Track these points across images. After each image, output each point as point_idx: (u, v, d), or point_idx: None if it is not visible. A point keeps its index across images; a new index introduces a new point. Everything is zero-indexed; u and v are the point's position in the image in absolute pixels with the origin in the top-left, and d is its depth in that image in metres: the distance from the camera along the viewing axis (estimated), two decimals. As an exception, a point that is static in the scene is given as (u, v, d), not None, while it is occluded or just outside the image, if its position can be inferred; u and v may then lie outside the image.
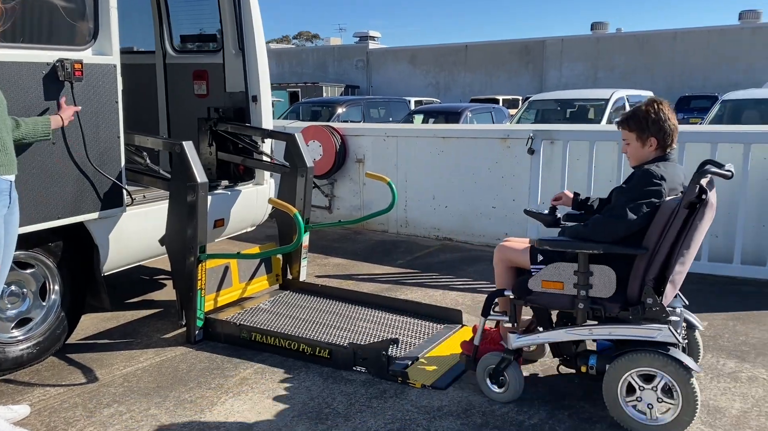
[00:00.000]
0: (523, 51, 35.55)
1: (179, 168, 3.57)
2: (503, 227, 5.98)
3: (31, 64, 3.03)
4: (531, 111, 11.65)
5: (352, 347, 3.36)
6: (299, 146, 4.29)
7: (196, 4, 5.06)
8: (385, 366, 3.23)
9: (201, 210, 3.54)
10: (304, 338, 3.55)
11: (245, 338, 3.66)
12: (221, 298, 4.01)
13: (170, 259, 3.72)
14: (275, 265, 4.43)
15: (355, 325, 3.86)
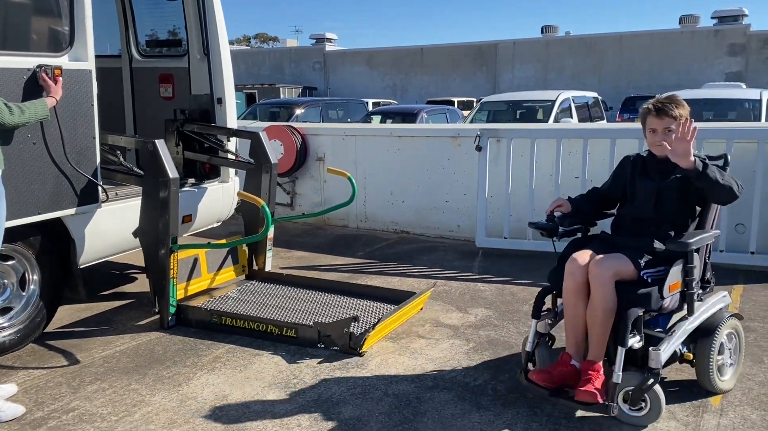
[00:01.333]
0: (476, 54, 36.34)
1: (152, 165, 3.83)
2: (456, 219, 6.40)
3: (13, 70, 3.26)
4: (483, 112, 12.17)
5: (317, 325, 3.69)
6: (263, 143, 4.57)
7: (161, 10, 5.30)
8: (347, 341, 3.58)
9: (173, 204, 3.81)
10: (272, 319, 3.85)
11: (216, 322, 3.94)
12: (191, 287, 4.27)
13: (144, 250, 3.98)
14: (241, 257, 4.72)
15: (319, 309, 4.18)
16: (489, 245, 5.84)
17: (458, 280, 5.03)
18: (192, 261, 4.28)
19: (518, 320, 4.14)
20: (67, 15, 3.55)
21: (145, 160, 3.91)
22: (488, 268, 5.36)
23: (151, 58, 5.42)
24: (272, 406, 3.02)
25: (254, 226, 4.71)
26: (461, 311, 4.31)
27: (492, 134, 5.89)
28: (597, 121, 12.90)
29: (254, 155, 4.60)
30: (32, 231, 3.59)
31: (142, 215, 3.92)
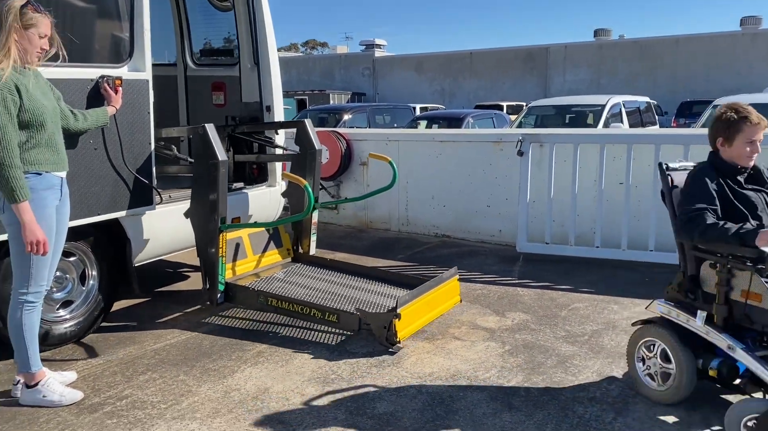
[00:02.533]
0: (527, 58, 35.98)
1: (202, 148, 4.02)
2: (497, 224, 6.43)
3: (79, 80, 3.52)
4: (531, 117, 12.12)
5: (359, 313, 3.78)
6: (308, 131, 4.70)
7: (214, 21, 5.56)
8: (385, 333, 3.68)
9: (221, 185, 3.99)
10: (315, 303, 3.97)
11: (262, 302, 4.11)
12: (238, 268, 4.46)
13: (194, 230, 4.18)
14: (285, 240, 4.89)
15: (362, 295, 4.22)
16: (530, 250, 5.85)
17: (497, 284, 5.08)
18: (235, 245, 4.47)
19: (556, 325, 4.16)
20: (127, 28, 3.81)
21: (196, 144, 4.09)
22: (528, 273, 5.38)
23: (204, 67, 5.68)
24: (310, 399, 3.15)
25: (299, 212, 4.87)
26: (498, 315, 4.36)
27: (534, 138, 5.91)
28: (649, 126, 12.65)
29: (299, 142, 4.75)
30: (92, 231, 3.85)
31: (192, 197, 4.14)
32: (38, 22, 2.88)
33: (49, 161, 3.01)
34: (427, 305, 4.02)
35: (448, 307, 4.26)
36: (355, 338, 3.94)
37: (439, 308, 4.15)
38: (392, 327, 3.66)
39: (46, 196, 2.99)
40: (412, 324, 3.85)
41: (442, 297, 4.18)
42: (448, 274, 4.28)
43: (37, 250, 2.87)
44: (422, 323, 3.97)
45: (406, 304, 3.76)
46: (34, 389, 3.06)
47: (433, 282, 4.12)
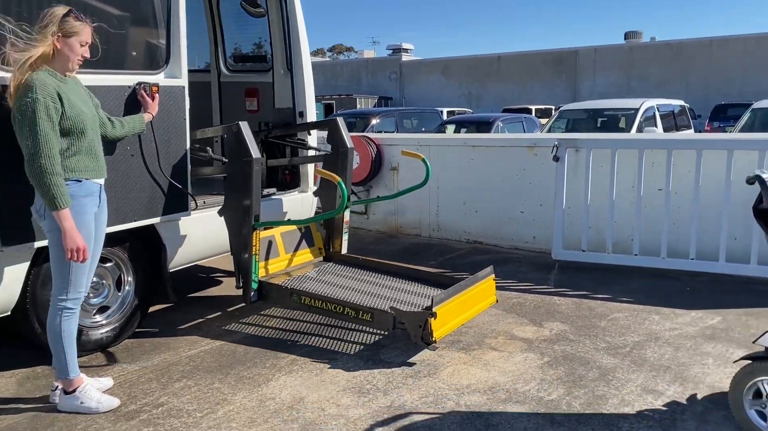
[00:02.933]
0: (555, 61, 35.64)
1: (236, 146, 4.00)
2: (531, 230, 6.32)
3: (116, 87, 3.54)
4: (561, 121, 11.94)
5: (394, 312, 3.70)
6: (340, 129, 4.66)
7: (248, 27, 5.57)
8: (420, 333, 3.58)
9: (255, 183, 3.98)
10: (349, 302, 3.91)
11: (295, 301, 4.07)
12: (270, 267, 4.43)
13: (228, 228, 4.17)
14: (317, 239, 4.86)
15: (395, 295, 4.14)
16: (566, 257, 5.73)
17: (533, 293, 4.98)
18: (268, 243, 4.45)
19: (596, 335, 4.05)
20: (164, 36, 3.82)
21: (230, 143, 4.07)
22: (564, 281, 5.27)
23: (237, 73, 5.70)
24: (346, 410, 3.10)
25: (331, 209, 4.83)
26: (536, 325, 4.27)
27: (570, 143, 5.79)
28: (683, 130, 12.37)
29: (331, 141, 4.72)
30: (128, 237, 3.86)
31: (226, 195, 4.13)
32: (80, 30, 2.89)
33: (89, 168, 3.02)
34: (463, 305, 3.92)
35: (483, 307, 4.17)
36: (389, 347, 3.89)
37: (475, 307, 4.05)
38: (428, 326, 3.56)
39: (85, 203, 3.00)
40: (447, 324, 3.74)
41: (477, 297, 4.09)
42: (484, 273, 4.20)
43: (77, 257, 2.88)
44: (458, 322, 3.87)
45: (441, 302, 3.67)
46: (72, 395, 3.07)
47: (468, 281, 4.03)
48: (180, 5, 3.83)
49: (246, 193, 3.99)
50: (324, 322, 4.33)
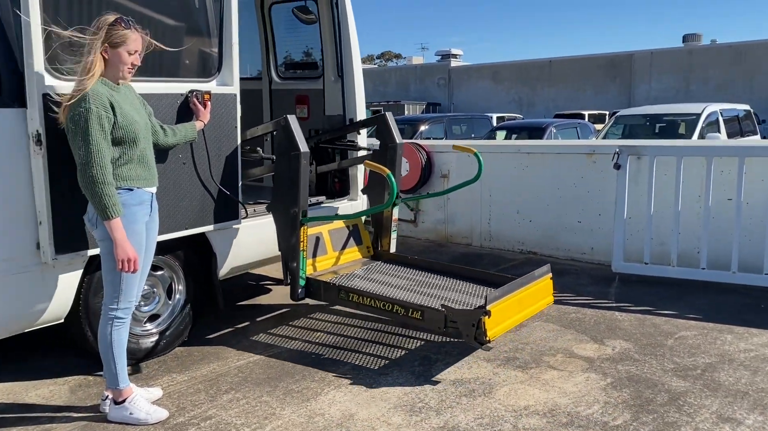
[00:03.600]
0: (609, 65, 34.74)
1: (284, 140, 3.94)
2: (589, 241, 6.06)
3: (169, 95, 3.53)
4: (618, 126, 11.55)
5: (445, 310, 3.53)
6: (389, 123, 4.55)
7: (299, 34, 5.54)
8: (473, 332, 3.39)
9: (303, 177, 3.91)
10: (398, 299, 3.77)
11: (343, 298, 3.96)
12: (318, 264, 4.36)
13: (276, 224, 4.12)
14: (365, 238, 4.76)
15: (447, 294, 3.98)
16: (627, 270, 5.46)
17: (592, 307, 4.74)
18: (315, 240, 4.38)
19: (662, 355, 3.80)
20: (216, 43, 3.80)
21: (278, 137, 4.02)
22: (626, 295, 5.00)
23: (288, 81, 5.67)
24: (397, 430, 2.97)
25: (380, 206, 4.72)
26: (596, 342, 4.04)
27: (632, 151, 5.52)
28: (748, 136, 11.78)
29: (380, 136, 4.62)
30: (179, 245, 3.84)
31: (274, 190, 4.08)
32: (128, 38, 2.86)
33: (141, 177, 2.99)
34: (518, 304, 3.72)
35: (540, 307, 3.97)
36: (441, 362, 3.74)
37: (531, 307, 3.86)
38: (482, 324, 3.37)
39: (136, 211, 2.97)
40: (502, 323, 3.54)
41: (534, 296, 3.89)
42: (541, 272, 4.00)
43: (127, 268, 2.85)
44: (513, 322, 3.68)
45: (496, 301, 3.48)
46: (121, 406, 3.05)
47: (524, 279, 3.83)
48: (232, 13, 3.80)
49: (293, 187, 3.93)
50: (374, 334, 4.22)
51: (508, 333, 4.19)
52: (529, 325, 4.36)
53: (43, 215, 3.05)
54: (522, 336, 4.17)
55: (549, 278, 4.05)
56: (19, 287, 3.11)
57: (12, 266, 3.07)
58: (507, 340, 4.09)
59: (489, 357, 3.82)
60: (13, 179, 3.02)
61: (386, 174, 3.74)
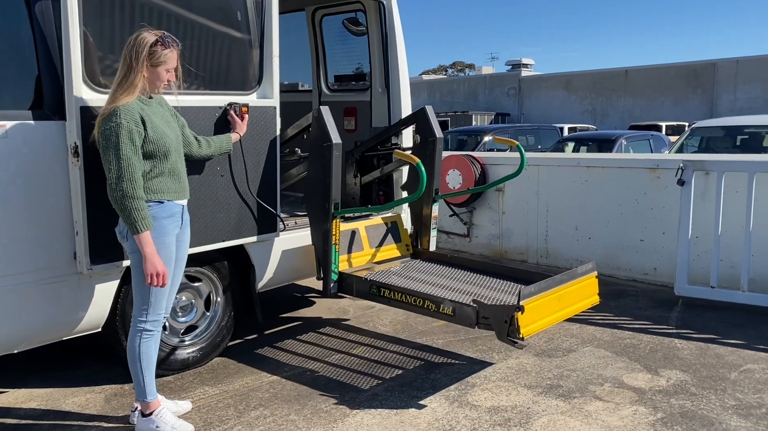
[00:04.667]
0: (690, 74, 33.15)
1: (318, 131, 3.90)
2: (651, 261, 5.70)
3: (208, 108, 3.55)
4: (694, 139, 10.90)
5: (477, 305, 3.36)
6: (429, 118, 4.43)
7: (348, 47, 5.51)
8: (506, 329, 3.20)
9: (335, 169, 3.85)
10: (430, 294, 3.63)
11: (374, 293, 3.87)
12: (354, 260, 4.28)
13: (309, 217, 4.08)
14: (404, 235, 4.64)
15: (485, 293, 3.82)
16: (691, 293, 5.07)
17: (649, 333, 4.42)
18: (351, 234, 4.31)
19: (723, 390, 3.47)
20: (257, 56, 3.80)
21: (312, 129, 3.98)
22: (689, 321, 4.64)
23: (337, 92, 5.65)
24: (423, 459, 2.83)
25: (419, 205, 4.61)
26: (650, 372, 3.75)
27: (698, 166, 5.15)
28: (842, 149, 10.85)
29: (419, 131, 4.50)
30: (217, 256, 3.85)
31: (307, 183, 4.03)
32: (167, 59, 2.89)
33: (171, 190, 3.00)
34: (557, 302, 3.50)
35: (583, 307, 3.73)
36: (478, 387, 3.56)
37: (572, 306, 3.62)
38: (515, 321, 3.17)
39: (166, 224, 2.98)
40: (538, 321, 3.33)
41: (575, 295, 3.65)
42: (584, 269, 3.76)
43: (156, 282, 2.86)
44: (551, 321, 3.46)
45: (531, 296, 3.28)
46: (149, 418, 3.05)
47: (565, 276, 3.60)
48: (273, 26, 3.80)
49: (326, 179, 3.88)
50: (415, 353, 4.09)
51: (554, 359, 3.96)
52: (578, 350, 4.11)
53: (80, 226, 3.11)
54: (569, 361, 3.93)
55: (594, 276, 3.82)
56: (57, 296, 3.18)
57: (50, 275, 3.15)
58: (552, 365, 3.86)
59: (530, 383, 3.61)
60: (53, 190, 3.11)
61: (416, 163, 3.65)
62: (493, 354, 4.08)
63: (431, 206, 4.52)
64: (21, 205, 3.02)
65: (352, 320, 4.78)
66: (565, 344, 4.23)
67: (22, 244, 3.04)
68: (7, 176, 2.97)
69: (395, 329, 4.59)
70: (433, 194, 4.48)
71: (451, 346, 4.22)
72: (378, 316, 4.88)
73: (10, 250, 3.01)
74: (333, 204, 3.89)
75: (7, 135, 2.95)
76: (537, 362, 3.93)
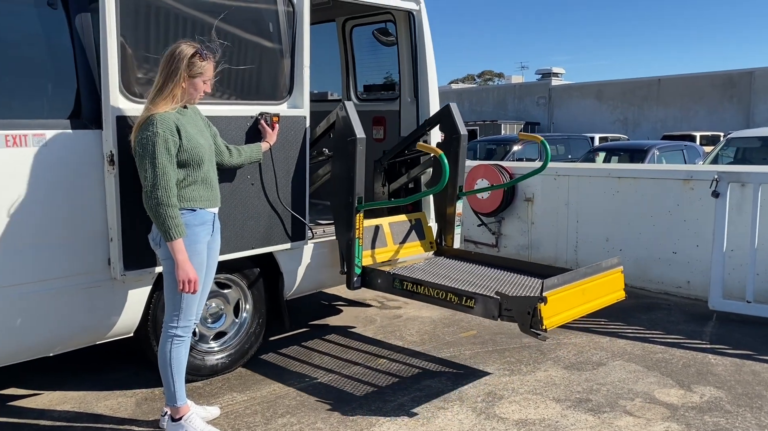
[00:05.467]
0: (726, 83, 32.47)
1: (342, 126, 3.95)
2: (684, 274, 5.58)
3: (239, 118, 3.60)
4: (729, 149, 10.68)
5: (499, 296, 3.34)
6: (453, 114, 4.44)
7: (377, 57, 5.54)
8: (529, 320, 3.18)
9: (359, 163, 3.88)
10: (452, 287, 3.62)
11: (397, 287, 3.87)
12: (377, 256, 4.30)
13: (333, 212, 4.12)
14: (428, 233, 4.64)
15: (509, 289, 3.78)
16: (726, 308, 4.95)
17: (682, 347, 4.32)
18: (374, 230, 4.32)
19: (759, 408, 3.38)
20: (288, 67, 3.85)
21: (337, 124, 4.03)
22: (723, 337, 4.53)
23: (366, 102, 5.68)
24: (449, 471, 2.81)
25: (443, 203, 4.61)
26: (683, 388, 3.66)
27: (733, 177, 5.04)
28: None
29: (444, 128, 4.51)
30: (247, 264, 3.90)
31: (331, 179, 4.07)
32: (205, 70, 2.95)
33: (203, 198, 3.05)
34: (581, 295, 3.46)
35: (608, 301, 3.69)
36: (507, 400, 3.53)
37: (596, 300, 3.58)
38: (537, 312, 3.14)
39: (198, 232, 3.03)
40: (562, 313, 3.30)
41: (600, 289, 3.61)
42: (609, 263, 3.72)
43: (188, 288, 2.90)
44: (574, 314, 3.43)
45: (554, 288, 3.25)
46: (177, 423, 3.09)
47: (589, 269, 3.58)
48: (304, 37, 3.85)
49: (349, 174, 3.91)
50: (441, 363, 4.07)
51: (583, 372, 3.91)
52: (608, 363, 4.04)
53: (114, 232, 3.18)
54: (599, 375, 3.87)
55: (619, 271, 3.78)
56: (91, 301, 3.25)
57: (86, 280, 3.22)
58: (582, 379, 3.81)
59: (559, 396, 3.56)
60: (89, 197, 3.18)
61: (438, 155, 3.66)
62: (521, 366, 4.03)
63: (455, 203, 4.54)
64: (59, 212, 3.11)
65: (379, 330, 4.78)
66: (594, 357, 4.16)
67: (60, 250, 3.13)
68: (47, 183, 3.06)
69: (422, 339, 4.57)
70: (457, 191, 4.50)
71: (478, 357, 4.19)
72: (405, 326, 4.87)
73: (48, 255, 3.09)
74: (357, 198, 3.94)
75: (47, 144, 3.03)
76: (566, 375, 3.88)
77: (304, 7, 3.82)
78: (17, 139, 2.96)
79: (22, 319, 3.06)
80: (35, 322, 3.10)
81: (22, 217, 2.99)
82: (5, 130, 2.92)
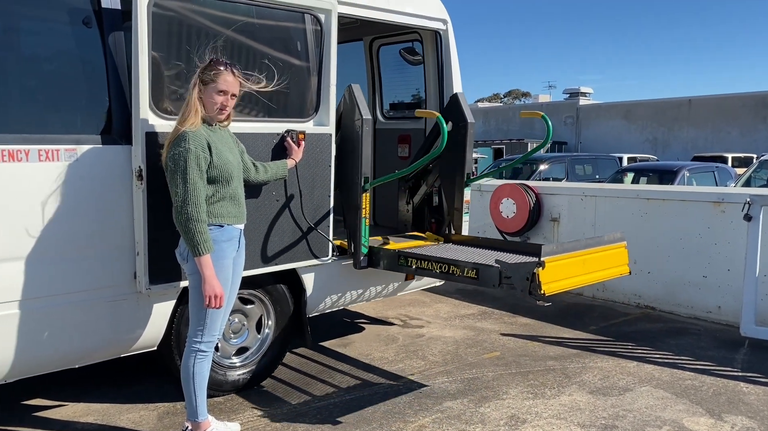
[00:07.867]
0: (760, 104, 31.88)
1: (348, 107, 3.98)
2: (715, 298, 5.45)
3: (266, 135, 3.64)
4: (763, 171, 10.50)
5: (499, 265, 3.36)
6: (460, 104, 4.46)
7: (403, 75, 5.57)
8: (527, 285, 3.19)
9: (365, 143, 3.92)
10: (453, 259, 3.65)
11: (402, 263, 3.91)
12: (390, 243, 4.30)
13: (340, 193, 4.13)
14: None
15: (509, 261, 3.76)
16: (759, 335, 4.81)
17: (713, 375, 4.20)
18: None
19: (794, 440, 3.26)
20: (315, 84, 3.89)
21: (344, 107, 4.07)
22: (756, 364, 4.39)
23: (392, 120, 5.70)
24: (470, 496, 2.76)
25: (450, 191, 4.59)
26: (713, 417, 3.55)
27: (767, 200, 4.92)
28: None
29: (451, 116, 4.50)
30: (270, 279, 3.91)
31: (337, 160, 4.07)
32: (217, 78, 2.96)
33: (231, 214, 3.08)
34: (582, 265, 3.47)
35: (610, 275, 3.72)
36: (528, 423, 3.46)
37: (597, 273, 3.60)
38: (536, 277, 3.16)
39: (225, 247, 3.05)
40: (561, 281, 3.31)
41: (602, 261, 3.62)
42: (612, 237, 3.74)
43: (214, 304, 2.92)
44: (575, 283, 3.43)
45: (552, 254, 3.27)
46: (198, 438, 3.09)
47: (590, 241, 3.61)
48: (332, 56, 3.88)
49: (355, 154, 3.95)
50: (465, 383, 4.01)
51: (609, 397, 3.82)
52: (635, 389, 3.94)
53: (141, 246, 3.22)
54: (625, 401, 3.77)
55: (623, 246, 3.81)
56: (117, 314, 3.29)
57: (111, 293, 3.26)
58: (607, 404, 3.72)
59: (584, 422, 3.49)
60: (117, 212, 3.23)
61: (436, 117, 3.72)
62: (545, 389, 3.96)
63: (463, 191, 4.55)
64: (87, 225, 3.16)
65: (401, 349, 4.74)
66: (621, 382, 4.07)
67: (88, 262, 3.17)
68: (76, 197, 3.11)
69: (444, 359, 4.52)
70: (464, 179, 4.50)
71: (501, 379, 4.13)
72: (427, 345, 4.83)
73: (75, 268, 3.14)
74: (363, 178, 3.96)
75: (78, 158, 3.10)
76: (591, 400, 3.79)
77: (331, 26, 3.86)
78: (50, 153, 3.03)
79: (48, 331, 3.10)
80: (61, 334, 3.14)
81: (50, 230, 3.05)
82: (38, 144, 3.00)
